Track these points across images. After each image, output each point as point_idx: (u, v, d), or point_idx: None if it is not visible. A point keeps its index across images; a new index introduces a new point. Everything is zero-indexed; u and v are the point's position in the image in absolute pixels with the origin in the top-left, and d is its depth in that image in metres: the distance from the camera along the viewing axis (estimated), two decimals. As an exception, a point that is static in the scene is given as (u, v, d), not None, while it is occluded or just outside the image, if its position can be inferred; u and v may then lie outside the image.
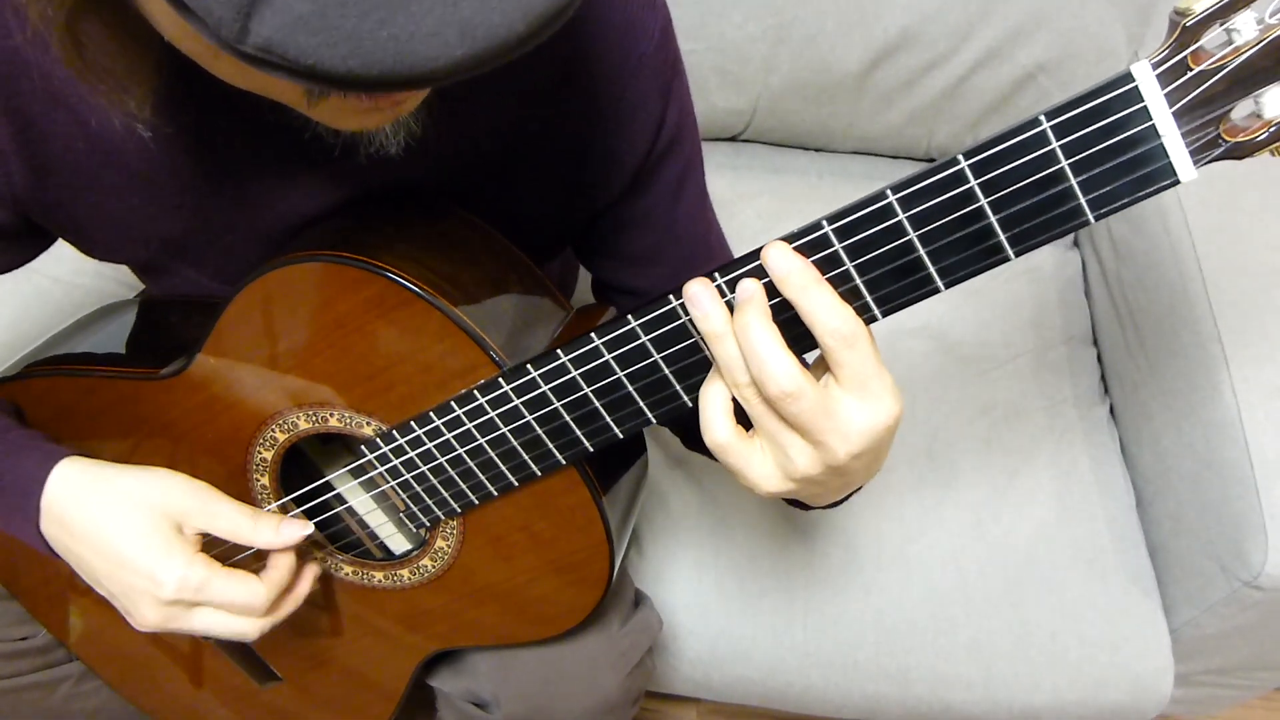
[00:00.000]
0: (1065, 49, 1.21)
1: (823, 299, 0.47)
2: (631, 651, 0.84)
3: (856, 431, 0.48)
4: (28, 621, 0.85)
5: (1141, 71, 0.40)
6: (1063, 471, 1.12)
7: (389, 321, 0.59)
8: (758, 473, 0.51)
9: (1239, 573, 0.95)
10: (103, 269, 1.17)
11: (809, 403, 0.47)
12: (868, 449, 0.49)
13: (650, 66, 0.64)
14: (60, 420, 0.73)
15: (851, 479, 0.52)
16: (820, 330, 0.47)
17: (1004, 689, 1.03)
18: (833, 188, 1.34)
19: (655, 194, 0.70)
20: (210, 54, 0.40)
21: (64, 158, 0.59)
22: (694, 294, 0.49)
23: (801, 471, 0.50)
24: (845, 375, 0.47)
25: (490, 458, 0.62)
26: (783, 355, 0.47)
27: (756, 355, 0.47)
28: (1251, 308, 1.02)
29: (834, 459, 0.48)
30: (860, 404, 0.48)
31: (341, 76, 0.33)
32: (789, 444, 0.49)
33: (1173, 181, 0.42)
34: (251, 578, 0.64)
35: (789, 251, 0.47)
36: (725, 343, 0.49)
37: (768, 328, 0.47)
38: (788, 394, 0.47)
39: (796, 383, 0.47)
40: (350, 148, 0.55)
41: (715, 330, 0.49)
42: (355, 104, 0.44)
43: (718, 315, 0.49)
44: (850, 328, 0.47)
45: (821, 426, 0.47)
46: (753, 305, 0.48)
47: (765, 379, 0.47)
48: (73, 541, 0.64)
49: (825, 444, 0.48)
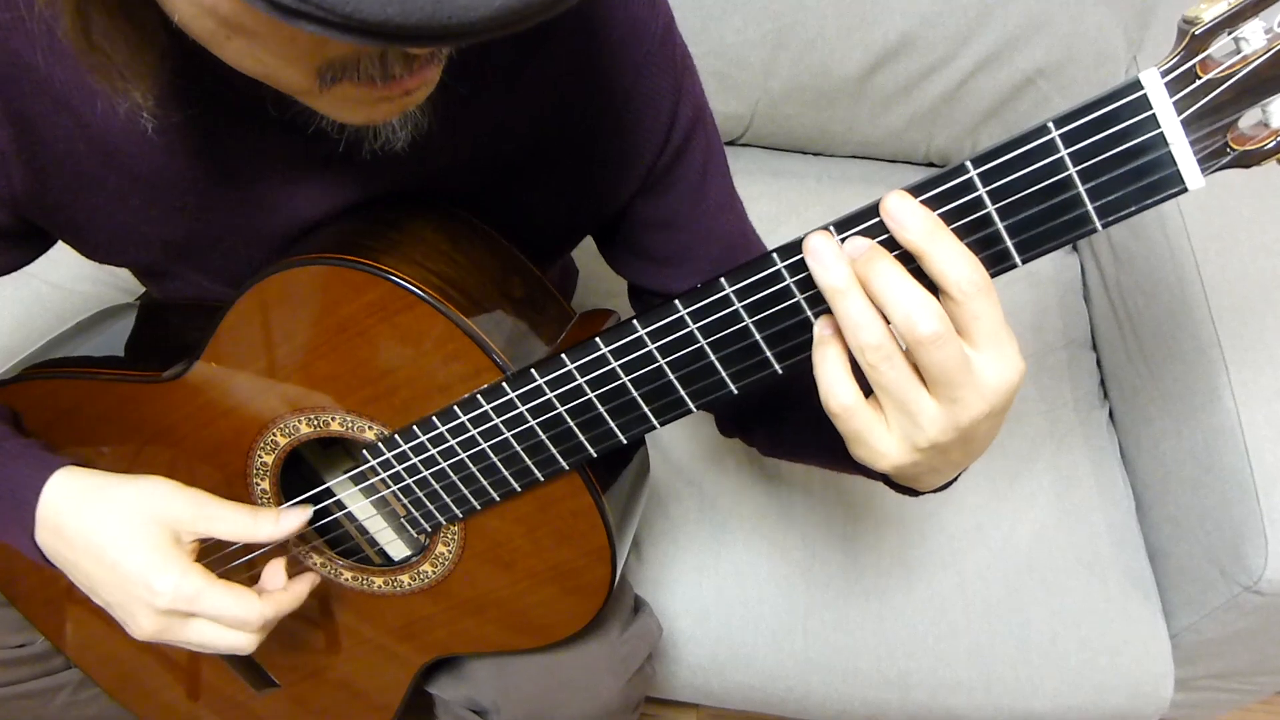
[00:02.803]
0: (1064, 53, 1.21)
1: (954, 247, 0.44)
2: (631, 658, 0.84)
3: (991, 387, 0.45)
4: (25, 629, 0.85)
5: (1150, 79, 0.40)
6: (1062, 476, 1.13)
7: (392, 325, 0.59)
8: (881, 442, 0.49)
9: (1239, 577, 0.95)
10: (101, 274, 1.17)
11: (953, 349, 0.44)
12: (998, 408, 0.46)
13: (657, 64, 0.63)
14: (59, 424, 0.73)
15: (973, 447, 0.50)
16: (952, 280, 0.44)
17: (1004, 694, 1.03)
18: (832, 192, 1.34)
19: (678, 192, 0.69)
20: (223, 33, 0.39)
21: (65, 160, 0.59)
22: (815, 246, 0.46)
23: (930, 438, 0.47)
24: (978, 328, 0.45)
25: (493, 462, 0.62)
26: (928, 295, 0.44)
27: (897, 301, 0.44)
28: (1251, 313, 1.02)
29: (965, 419, 0.46)
30: (992, 358, 0.45)
31: (379, 25, 0.33)
32: (920, 408, 0.47)
33: (1180, 190, 0.42)
34: (247, 592, 0.64)
35: (912, 199, 0.45)
36: (849, 298, 0.46)
37: (903, 271, 0.45)
38: (938, 334, 0.44)
39: (945, 323, 0.44)
40: (355, 143, 0.55)
41: (839, 285, 0.46)
42: (364, 93, 0.44)
43: (841, 268, 0.46)
44: (983, 276, 0.44)
45: (958, 380, 0.45)
46: (881, 252, 0.45)
47: (913, 321, 0.44)
48: (69, 551, 0.63)
49: (960, 401, 0.45)
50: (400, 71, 0.43)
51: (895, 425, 0.48)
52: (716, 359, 0.53)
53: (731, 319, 0.51)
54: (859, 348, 0.46)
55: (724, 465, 1.11)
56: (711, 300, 0.51)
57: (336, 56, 0.41)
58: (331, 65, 0.41)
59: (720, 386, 0.54)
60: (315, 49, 0.40)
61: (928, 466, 0.50)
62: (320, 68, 0.41)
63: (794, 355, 0.52)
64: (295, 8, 0.32)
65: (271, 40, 0.39)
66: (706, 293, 0.51)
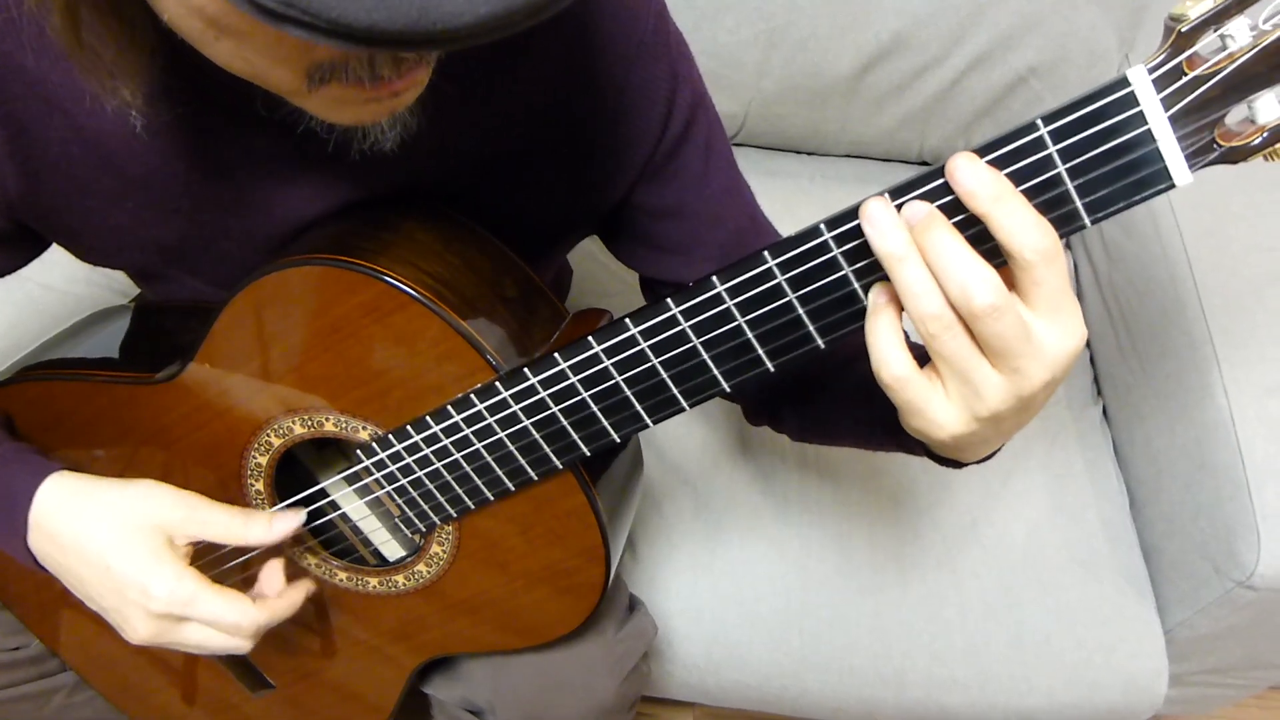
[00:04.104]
0: (1057, 53, 1.21)
1: (1023, 210, 0.43)
2: (627, 657, 0.84)
3: (1053, 356, 0.44)
4: (21, 632, 0.85)
5: (1138, 76, 0.40)
6: (1056, 473, 1.13)
7: (385, 326, 0.59)
8: (939, 413, 0.47)
9: (1232, 573, 0.95)
10: (95, 276, 1.17)
11: (1012, 319, 0.43)
12: (1058, 375, 0.45)
13: (650, 53, 0.63)
14: (53, 426, 0.73)
15: (1026, 415, 0.49)
16: (1019, 245, 0.42)
17: (1000, 692, 1.03)
18: (825, 191, 1.35)
19: (681, 179, 0.68)
20: (211, 33, 0.39)
21: (58, 163, 0.59)
22: (873, 213, 0.45)
23: (990, 407, 0.46)
24: (1041, 294, 0.43)
25: (487, 462, 0.62)
26: (984, 266, 0.43)
27: (954, 270, 0.43)
28: (1242, 309, 1.02)
29: (1027, 387, 0.45)
30: (1054, 326, 0.44)
31: (364, 31, 0.33)
32: (981, 377, 0.45)
33: (1168, 186, 0.43)
34: (241, 597, 0.64)
35: (980, 160, 0.43)
36: (908, 265, 0.44)
37: (962, 240, 0.44)
38: (994, 307, 0.43)
39: (1003, 294, 0.43)
40: (344, 144, 0.55)
41: (897, 251, 0.44)
42: (353, 94, 0.44)
43: (900, 234, 0.44)
44: (1053, 241, 0.43)
45: (1019, 350, 0.44)
46: (938, 220, 0.44)
47: (969, 293, 0.43)
48: (62, 556, 0.63)
49: (1021, 370, 0.44)
50: (389, 73, 0.43)
51: (955, 395, 0.47)
52: (709, 357, 0.53)
53: (723, 317, 0.51)
54: (919, 317, 0.45)
55: (719, 464, 1.11)
56: (703, 298, 0.51)
57: (325, 58, 0.41)
58: (320, 67, 0.41)
59: (713, 384, 0.54)
60: (303, 50, 0.40)
61: (981, 437, 0.49)
62: (308, 69, 0.41)
63: (786, 353, 0.52)
64: (280, 12, 0.32)
65: (259, 41, 0.39)
66: (698, 290, 0.51)
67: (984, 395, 0.46)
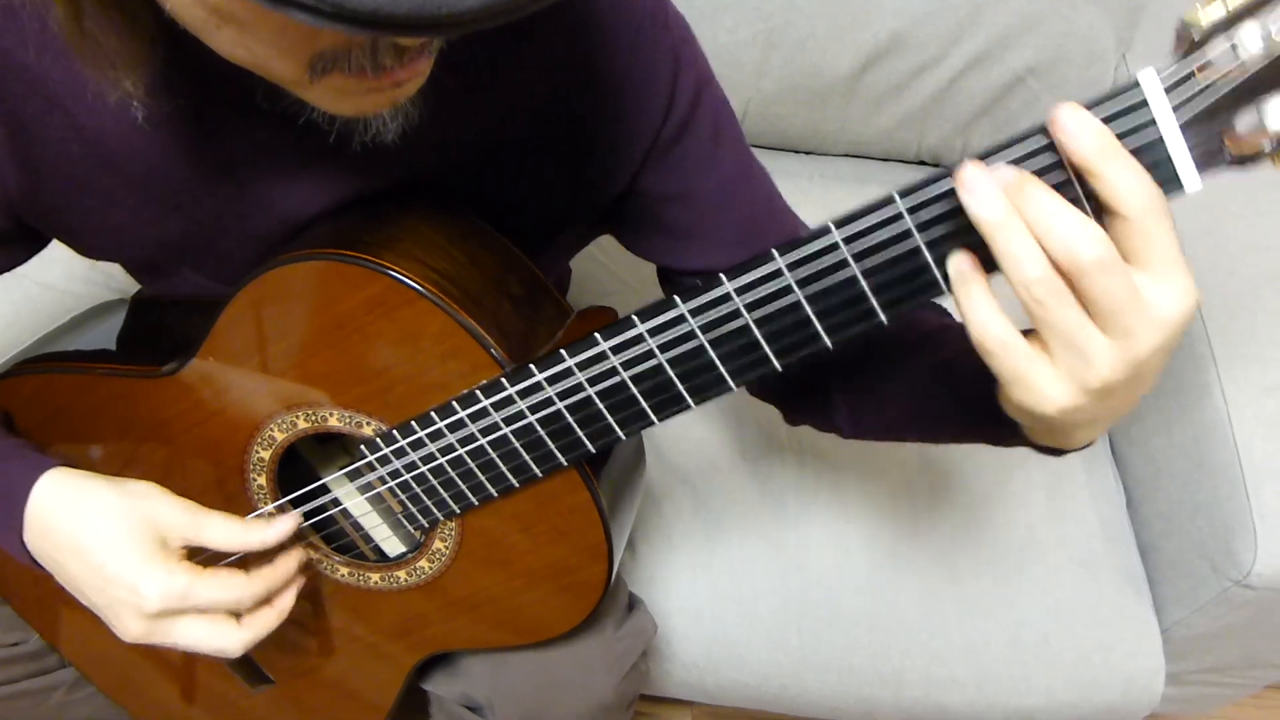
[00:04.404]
0: (1055, 52, 1.21)
1: (1130, 163, 0.41)
2: (626, 655, 0.84)
3: (1164, 317, 0.42)
4: (20, 627, 0.84)
5: (1149, 81, 0.40)
6: (1054, 472, 1.13)
7: (391, 321, 0.59)
8: (1045, 383, 0.45)
9: (1229, 572, 0.95)
10: (93, 274, 1.16)
11: (1119, 276, 0.41)
12: (1170, 340, 0.43)
13: (650, 39, 0.63)
14: (51, 420, 0.73)
15: (1136, 389, 0.47)
16: (1126, 199, 0.41)
17: (998, 691, 1.03)
18: (825, 190, 1.35)
19: (689, 163, 0.67)
20: (213, 21, 0.39)
21: (59, 161, 0.59)
22: (969, 178, 0.43)
23: (1101, 375, 0.43)
24: (1150, 252, 0.42)
25: (491, 458, 0.62)
26: (1088, 220, 0.41)
27: (1057, 227, 0.41)
28: (1240, 309, 1.03)
29: (1138, 351, 0.43)
30: (1164, 284, 0.42)
31: (369, 15, 0.33)
32: (1089, 342, 0.43)
33: (1178, 191, 0.42)
34: (235, 573, 0.64)
35: (1085, 111, 0.41)
36: (1009, 230, 0.42)
37: (1057, 196, 0.42)
38: (1101, 260, 0.41)
39: (1109, 247, 0.41)
40: (346, 135, 0.55)
41: (997, 217, 0.42)
42: (355, 84, 0.44)
43: (1000, 200, 0.42)
44: (1160, 195, 0.41)
45: (1128, 309, 0.42)
46: (1032, 180, 0.42)
47: (1074, 249, 0.41)
48: (56, 552, 0.63)
49: (1132, 331, 0.42)
50: (391, 63, 0.43)
51: (1063, 365, 0.44)
52: (716, 356, 0.53)
53: (731, 316, 0.51)
54: (1024, 283, 0.42)
55: (718, 463, 1.11)
56: (711, 297, 0.51)
57: (327, 47, 0.41)
58: (322, 56, 0.41)
59: (720, 383, 0.54)
60: (306, 39, 0.40)
61: (1090, 415, 0.47)
62: (311, 58, 0.41)
63: (793, 353, 0.52)
64: None
65: (262, 30, 0.39)
66: (706, 290, 0.51)
67: (1093, 362, 0.43)
